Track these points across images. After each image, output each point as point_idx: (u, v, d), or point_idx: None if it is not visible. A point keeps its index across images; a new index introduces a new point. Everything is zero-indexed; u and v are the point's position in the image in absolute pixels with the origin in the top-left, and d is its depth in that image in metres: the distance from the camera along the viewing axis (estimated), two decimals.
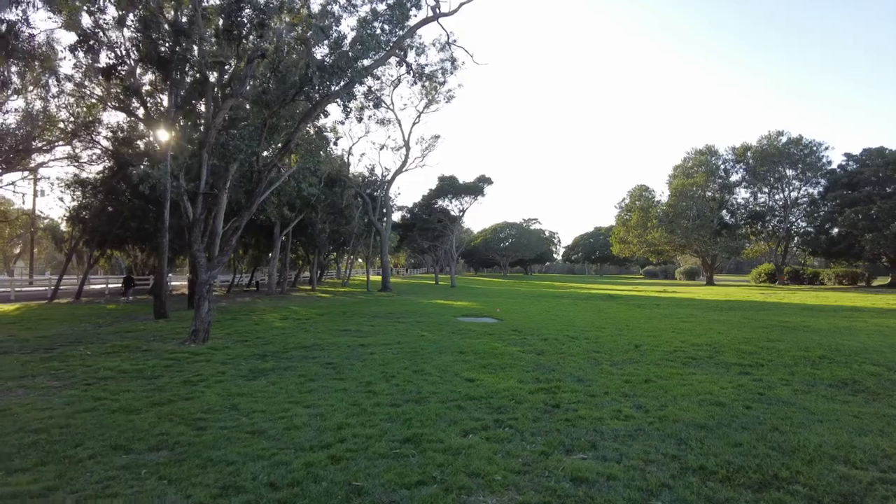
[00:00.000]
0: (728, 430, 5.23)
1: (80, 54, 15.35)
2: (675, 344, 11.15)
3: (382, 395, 6.81)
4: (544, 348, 10.61)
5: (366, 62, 14.31)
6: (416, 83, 20.80)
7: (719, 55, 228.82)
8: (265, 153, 15.29)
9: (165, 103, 16.29)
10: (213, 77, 14.04)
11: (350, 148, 38.87)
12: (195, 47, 13.56)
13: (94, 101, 20.72)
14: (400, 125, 39.19)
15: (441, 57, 22.57)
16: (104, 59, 15.60)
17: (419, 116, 39.18)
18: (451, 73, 29.87)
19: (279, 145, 15.56)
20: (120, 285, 31.28)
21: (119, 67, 15.66)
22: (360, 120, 17.72)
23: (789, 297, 29.46)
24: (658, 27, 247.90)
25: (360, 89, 15.84)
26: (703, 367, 8.66)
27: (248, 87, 13.11)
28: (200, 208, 12.43)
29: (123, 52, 15.49)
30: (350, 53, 12.30)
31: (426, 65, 17.85)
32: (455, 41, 17.79)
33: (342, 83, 13.89)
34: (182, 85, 15.24)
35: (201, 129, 15.22)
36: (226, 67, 13.40)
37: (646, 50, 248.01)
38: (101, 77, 16.85)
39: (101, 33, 15.30)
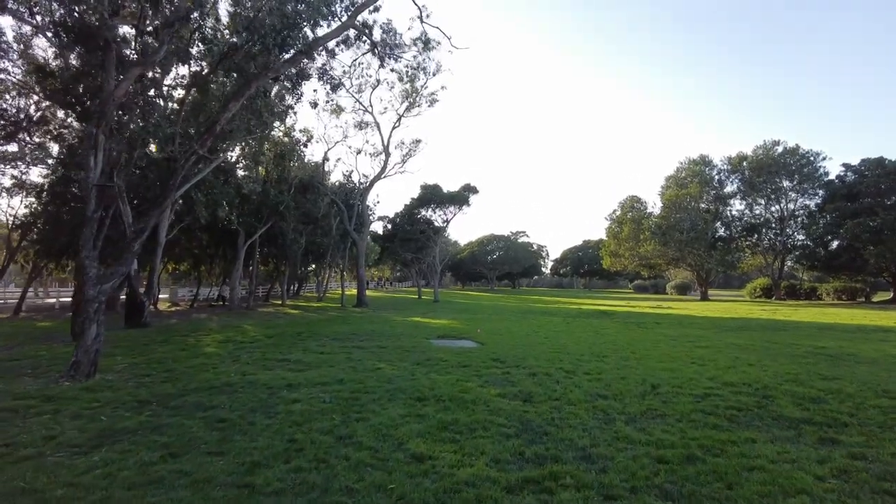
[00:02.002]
0: None
1: None
2: (702, 383, 8.53)
3: (262, 495, 4.09)
4: (532, 390, 7.93)
5: (318, 31, 11.74)
6: (382, 66, 18.30)
7: (712, 62, 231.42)
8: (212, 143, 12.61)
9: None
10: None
11: (326, 153, 36.14)
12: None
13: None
14: (379, 129, 36.81)
15: (412, 36, 19.95)
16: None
17: (399, 120, 36.75)
18: (426, 56, 27.56)
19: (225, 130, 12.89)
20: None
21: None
22: (314, 106, 15.15)
23: (797, 315, 27.16)
24: (648, 33, 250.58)
25: (312, 66, 13.29)
26: (760, 426, 6.03)
27: (162, 54, 10.44)
28: (94, 205, 9.64)
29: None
30: (289, 8, 9.71)
31: (395, 45, 15.31)
32: (429, 15, 15.45)
33: (286, 55, 11.32)
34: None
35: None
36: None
37: (636, 57, 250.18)
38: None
39: None
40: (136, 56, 10.68)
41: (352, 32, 14.86)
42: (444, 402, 7.11)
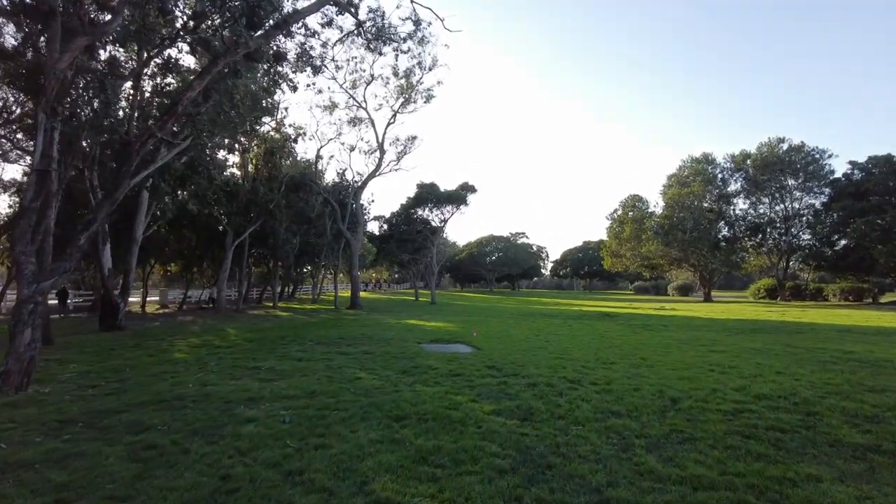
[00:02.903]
0: None
1: None
2: (728, 395, 7.37)
3: None
4: (532, 405, 6.76)
5: (297, 4, 10.62)
6: (370, 49, 17.12)
7: (714, 59, 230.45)
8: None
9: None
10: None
11: (319, 150, 34.95)
12: None
13: None
14: (373, 125, 35.56)
15: (401, 16, 18.76)
16: None
17: (394, 116, 35.59)
18: (419, 47, 26.45)
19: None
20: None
21: None
22: (294, 89, 13.97)
23: (808, 316, 26.00)
24: (651, 30, 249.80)
25: (288, 45, 12.13)
26: (817, 456, 4.85)
27: (115, 26, 9.28)
28: (33, 193, 8.47)
29: None
30: None
31: (384, 27, 14.17)
32: None
33: (259, 30, 10.21)
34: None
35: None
36: None
37: (636, 53, 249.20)
38: None
39: None
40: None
41: (336, 13, 13.73)
42: (427, 423, 5.94)
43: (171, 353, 12.32)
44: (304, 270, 53.20)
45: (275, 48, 11.82)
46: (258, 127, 28.72)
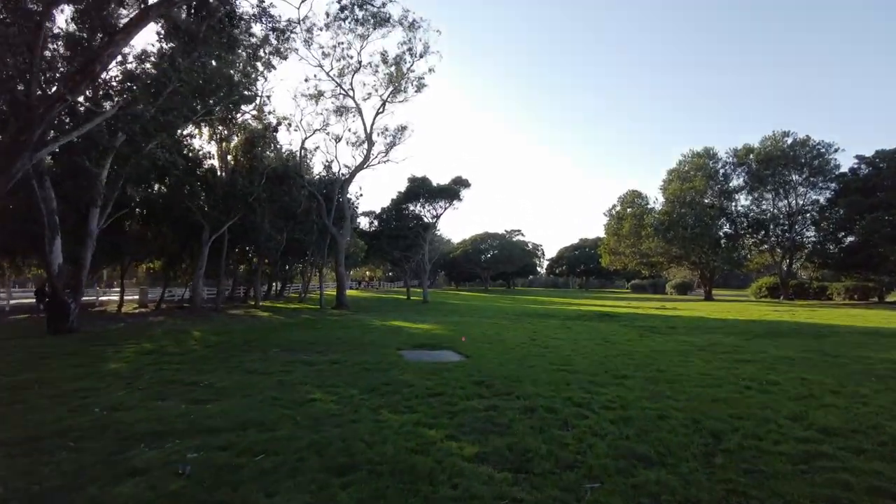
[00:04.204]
0: None
1: None
2: (783, 427, 5.67)
3: None
4: (530, 445, 5.03)
5: None
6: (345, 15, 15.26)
7: (713, 52, 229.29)
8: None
9: None
10: None
11: (303, 141, 33.09)
12: None
13: None
14: (361, 115, 33.79)
15: None
16: None
17: (384, 105, 33.85)
18: (406, 25, 24.64)
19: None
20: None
21: None
22: (253, 56, 12.17)
23: (819, 316, 24.43)
24: (648, 24, 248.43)
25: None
26: None
27: None
28: None
29: None
30: None
31: None
32: None
33: None
34: None
35: None
36: None
37: (636, 49, 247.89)
38: None
39: None
40: None
41: None
42: (382, 478, 4.20)
43: (107, 363, 10.54)
44: (295, 268, 51.44)
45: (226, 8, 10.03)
46: (236, 114, 26.96)
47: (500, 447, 5.00)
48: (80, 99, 15.14)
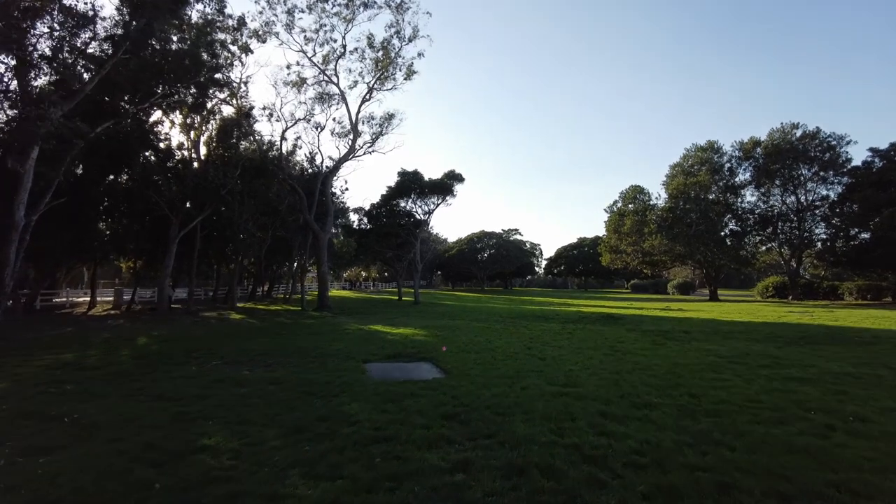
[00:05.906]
0: None
1: None
2: None
3: None
4: None
5: None
6: None
7: (717, 43, 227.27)
8: None
9: None
10: None
11: (284, 132, 30.82)
12: None
13: None
14: (345, 102, 31.67)
15: None
16: None
17: (370, 93, 31.66)
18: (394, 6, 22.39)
19: None
20: None
21: None
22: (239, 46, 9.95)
23: (844, 318, 22.26)
24: (651, 18, 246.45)
25: None
26: None
27: None
28: None
29: None
30: None
31: None
32: None
33: None
34: None
35: None
36: None
37: (636, 44, 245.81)
38: None
39: None
40: None
41: None
42: None
43: None
44: (283, 268, 49.22)
45: None
46: (206, 101, 24.73)
47: None
48: None
